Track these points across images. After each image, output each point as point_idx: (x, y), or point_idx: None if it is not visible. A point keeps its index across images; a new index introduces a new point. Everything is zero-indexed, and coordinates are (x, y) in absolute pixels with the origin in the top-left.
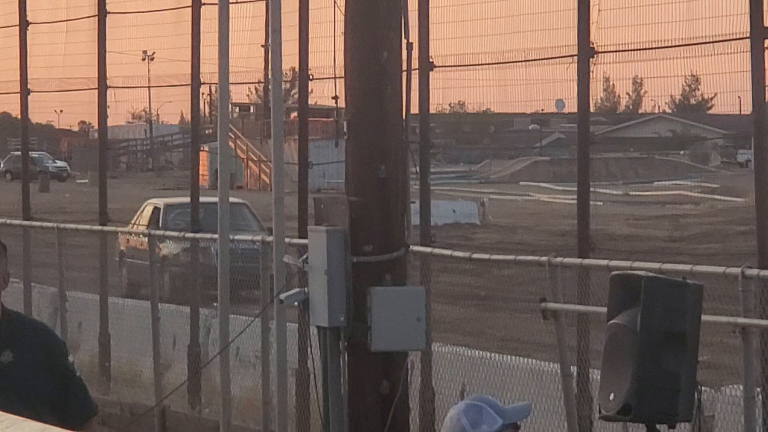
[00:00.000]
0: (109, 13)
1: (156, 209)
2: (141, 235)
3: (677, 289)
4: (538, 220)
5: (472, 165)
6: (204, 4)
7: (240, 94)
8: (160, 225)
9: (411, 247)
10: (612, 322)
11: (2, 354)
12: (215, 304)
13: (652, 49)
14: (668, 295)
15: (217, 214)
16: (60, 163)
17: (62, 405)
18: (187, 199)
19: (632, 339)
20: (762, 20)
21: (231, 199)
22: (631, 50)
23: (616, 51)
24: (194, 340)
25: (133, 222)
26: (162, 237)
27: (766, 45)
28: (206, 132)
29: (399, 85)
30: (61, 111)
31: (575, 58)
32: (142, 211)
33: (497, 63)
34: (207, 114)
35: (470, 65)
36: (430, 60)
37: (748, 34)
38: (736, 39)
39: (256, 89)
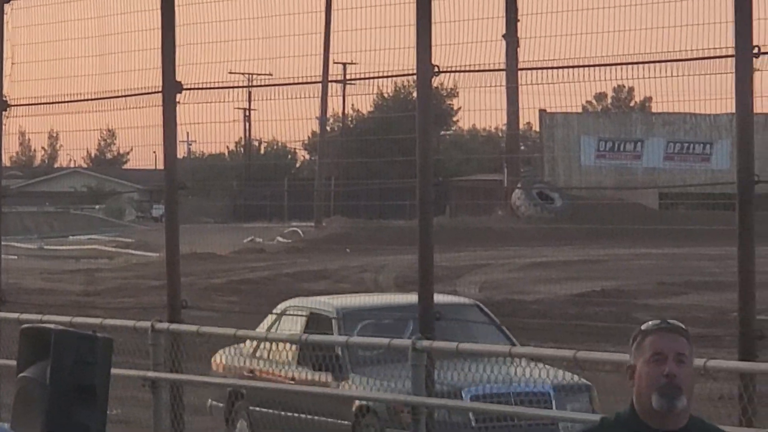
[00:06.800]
0: None
1: (320, 318)
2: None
3: (87, 342)
4: None
5: None
6: None
7: None
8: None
9: None
10: (22, 375)
11: None
12: None
13: (65, 102)
14: (78, 348)
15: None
16: None
17: None
18: (368, 300)
19: (42, 392)
20: (170, 77)
21: (458, 299)
22: (44, 104)
23: (29, 104)
24: None
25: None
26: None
27: (175, 100)
28: None
29: None
30: None
31: None
32: (279, 320)
33: None
34: None
35: None
36: None
37: (157, 89)
38: (147, 93)
39: None
